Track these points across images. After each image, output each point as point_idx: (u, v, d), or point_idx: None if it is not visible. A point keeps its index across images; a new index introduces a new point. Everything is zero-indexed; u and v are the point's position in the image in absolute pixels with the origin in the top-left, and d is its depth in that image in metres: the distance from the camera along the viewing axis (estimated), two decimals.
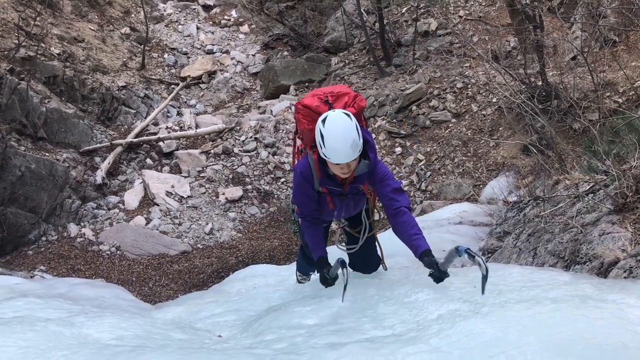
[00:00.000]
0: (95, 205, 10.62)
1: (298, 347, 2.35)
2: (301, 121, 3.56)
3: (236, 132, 12.65)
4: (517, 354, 1.95)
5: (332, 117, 3.20)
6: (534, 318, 2.12)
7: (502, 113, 11.02)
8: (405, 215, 3.38)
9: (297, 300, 3.44)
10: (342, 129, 3.16)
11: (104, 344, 2.45)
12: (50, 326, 2.64)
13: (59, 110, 11.24)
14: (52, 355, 2.27)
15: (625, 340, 1.91)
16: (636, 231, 3.01)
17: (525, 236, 4.08)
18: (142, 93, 13.92)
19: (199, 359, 2.29)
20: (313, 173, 3.47)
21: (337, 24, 15.97)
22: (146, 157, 12.14)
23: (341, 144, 3.14)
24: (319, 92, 3.61)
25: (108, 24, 16.18)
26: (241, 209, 10.98)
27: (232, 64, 16.70)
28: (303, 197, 3.57)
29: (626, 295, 2.26)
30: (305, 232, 3.67)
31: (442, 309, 2.43)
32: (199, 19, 19.14)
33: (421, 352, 2.08)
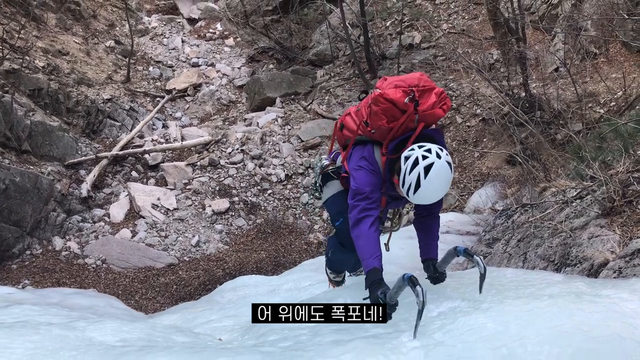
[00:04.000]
0: (81, 218, 10.53)
1: (304, 344, 2.39)
2: (379, 115, 3.09)
3: (222, 144, 12.65)
4: (518, 346, 2.02)
5: (438, 172, 2.79)
6: (532, 312, 2.19)
7: (486, 124, 11.19)
8: (435, 220, 3.31)
9: None
10: (442, 186, 2.85)
11: (110, 346, 2.46)
12: (54, 330, 2.64)
13: (44, 123, 11.17)
14: (61, 356, 2.28)
15: (621, 332, 1.99)
16: (624, 233, 3.09)
17: (515, 242, 4.15)
18: (128, 106, 13.86)
19: (207, 357, 2.31)
20: (381, 175, 3.14)
21: (322, 37, 16.10)
22: (132, 169, 12.08)
23: (432, 197, 2.88)
24: (401, 84, 3.10)
25: (92, 37, 16.13)
26: (228, 221, 10.95)
27: (218, 77, 16.73)
28: (372, 187, 3.10)
29: (619, 291, 2.34)
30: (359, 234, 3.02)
31: (442, 307, 2.49)
32: (184, 32, 19.16)
33: (426, 346, 2.15)
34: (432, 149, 2.85)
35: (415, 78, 3.14)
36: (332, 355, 2.15)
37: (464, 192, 10.10)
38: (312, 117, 13.50)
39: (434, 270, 3.05)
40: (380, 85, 3.15)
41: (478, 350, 2.05)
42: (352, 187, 3.16)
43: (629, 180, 3.33)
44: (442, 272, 3.07)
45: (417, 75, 3.17)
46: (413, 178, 2.81)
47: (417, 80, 3.12)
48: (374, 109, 3.10)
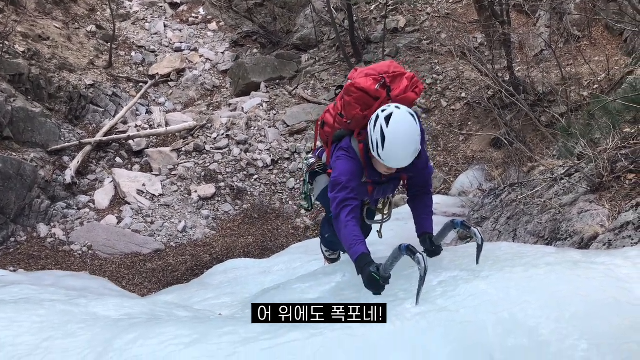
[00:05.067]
0: (65, 205, 10.44)
1: None
2: (352, 105, 3.09)
3: (207, 129, 12.58)
4: (518, 310, 2.10)
5: (398, 119, 2.83)
6: (532, 279, 2.28)
7: (471, 108, 11.25)
8: (427, 196, 3.35)
9: (295, 280, 3.46)
10: (408, 134, 2.83)
11: (116, 319, 2.49)
12: (58, 305, 2.66)
13: (25, 109, 11.00)
14: (69, 328, 2.31)
15: (617, 296, 2.09)
16: (613, 208, 3.16)
17: (504, 219, 4.21)
18: (110, 91, 13.70)
19: (213, 326, 2.34)
20: (361, 163, 3.16)
21: (307, 21, 16.01)
22: (116, 155, 11.98)
23: (403, 150, 2.85)
24: (371, 72, 3.12)
25: (73, 21, 15.89)
26: (214, 206, 10.93)
27: (201, 62, 16.57)
28: (350, 175, 3.09)
29: (613, 258, 2.43)
30: (341, 228, 3.04)
31: (442, 277, 2.55)
32: (166, 16, 18.92)
33: (429, 311, 2.22)
34: (390, 105, 2.90)
35: (385, 65, 3.17)
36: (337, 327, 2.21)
37: (450, 175, 10.17)
38: (297, 102, 13.46)
39: (430, 244, 3.09)
40: (352, 76, 3.20)
41: (480, 314, 2.13)
42: (331, 179, 3.19)
43: (617, 157, 3.40)
44: (439, 245, 3.11)
45: (387, 63, 3.20)
46: (377, 133, 2.84)
47: (388, 67, 3.15)
48: (346, 99, 3.12)
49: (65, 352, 2.18)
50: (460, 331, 2.08)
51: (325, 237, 4.22)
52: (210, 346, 2.19)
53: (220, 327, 2.39)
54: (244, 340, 2.22)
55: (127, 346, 2.23)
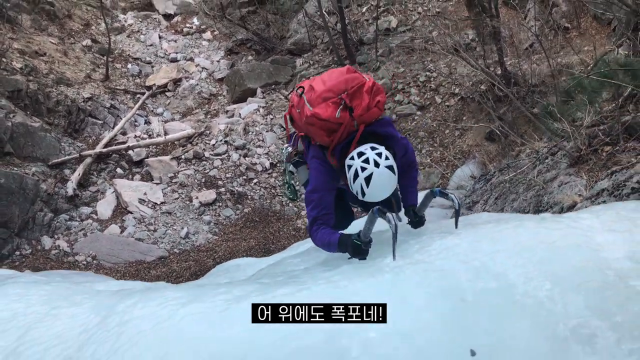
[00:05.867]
0: (68, 217, 10.56)
1: (297, 276, 2.59)
2: (317, 132, 3.12)
3: (206, 136, 12.71)
4: (488, 259, 2.29)
5: (378, 179, 2.87)
6: (501, 233, 2.49)
7: (465, 103, 11.37)
8: (413, 169, 3.44)
9: (287, 257, 3.61)
10: (386, 187, 2.91)
11: (117, 290, 2.66)
12: (64, 284, 2.83)
13: (25, 124, 11.14)
14: (74, 299, 2.51)
15: (578, 242, 2.27)
16: (590, 178, 3.29)
17: (493, 200, 4.34)
18: (108, 103, 13.85)
19: (209, 289, 2.51)
20: (335, 171, 3.21)
21: (300, 26, 16.16)
22: (116, 166, 12.10)
23: (383, 194, 2.94)
24: (329, 95, 3.07)
25: (69, 37, 16.06)
26: (215, 211, 11.03)
27: (197, 71, 16.73)
28: (322, 194, 3.17)
29: (579, 213, 2.63)
30: (316, 238, 3.16)
31: (421, 238, 2.70)
32: (160, 28, 19.11)
33: (407, 264, 2.41)
34: (369, 157, 2.89)
35: (341, 81, 3.09)
36: (323, 277, 2.36)
37: (447, 170, 10.28)
38: None
39: (414, 215, 3.21)
40: (310, 98, 3.14)
41: (453, 264, 2.31)
42: (305, 191, 3.26)
43: (595, 132, 3.52)
44: (422, 215, 3.23)
45: (343, 77, 3.12)
46: (358, 187, 2.91)
47: (345, 83, 3.08)
48: (309, 128, 3.13)
49: (72, 317, 2.37)
50: (434, 279, 2.27)
51: None
52: (206, 304, 2.38)
53: (215, 289, 2.59)
54: (237, 298, 2.41)
55: (129, 309, 2.43)
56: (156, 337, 2.28)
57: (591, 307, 1.96)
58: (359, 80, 3.12)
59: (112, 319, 2.35)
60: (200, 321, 2.32)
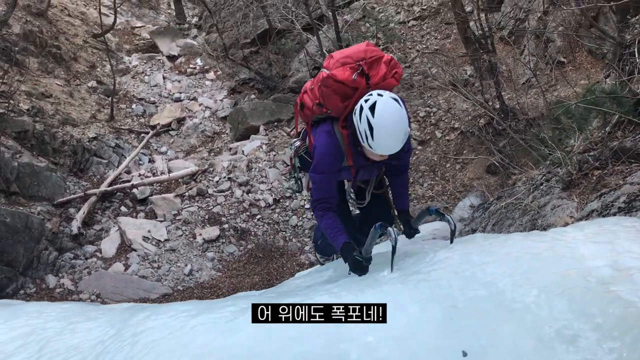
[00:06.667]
0: (73, 255, 10.61)
1: (300, 291, 2.72)
2: (331, 96, 3.06)
3: (209, 173, 12.85)
4: (478, 270, 2.44)
5: (383, 107, 2.81)
6: (491, 246, 2.66)
7: (465, 137, 11.52)
8: (405, 174, 3.49)
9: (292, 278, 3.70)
10: (395, 121, 2.82)
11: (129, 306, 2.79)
12: (78, 304, 2.91)
13: (31, 164, 11.31)
14: (90, 315, 2.69)
15: (564, 253, 2.41)
16: (581, 200, 3.40)
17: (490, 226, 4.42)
18: (113, 143, 14.06)
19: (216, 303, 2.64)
20: (343, 150, 3.15)
21: (301, 65, 16.48)
22: (120, 205, 12.21)
23: (393, 137, 2.84)
24: (348, 60, 3.07)
25: (74, 78, 16.40)
26: (219, 248, 11.08)
27: (201, 110, 16.99)
28: (326, 176, 3.17)
29: (564, 228, 2.78)
30: (320, 222, 3.21)
31: (416, 253, 2.81)
32: (164, 69, 19.48)
33: (403, 275, 2.60)
34: (372, 94, 2.88)
35: (361, 51, 3.12)
36: (324, 290, 2.51)
37: (449, 203, 10.35)
38: None
39: (408, 227, 3.32)
40: (328, 65, 3.18)
41: (445, 274, 2.47)
42: (311, 168, 3.26)
43: (585, 158, 3.64)
44: (416, 228, 3.36)
45: (363, 47, 3.15)
46: (365, 124, 2.83)
47: (364, 52, 3.10)
48: (324, 90, 3.09)
49: (88, 331, 2.49)
50: (428, 288, 2.43)
51: (317, 244, 4.40)
52: (214, 315, 2.54)
53: (222, 302, 2.83)
54: (243, 310, 2.56)
55: (142, 321, 2.61)
56: (169, 345, 2.41)
57: (574, 310, 2.09)
58: (378, 52, 3.14)
59: (127, 331, 2.50)
60: (210, 330, 2.45)
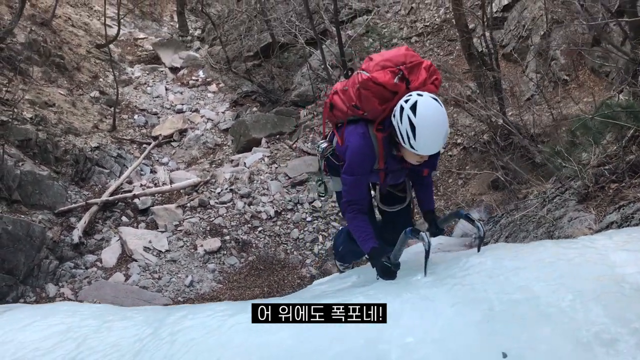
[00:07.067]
0: (73, 264, 10.55)
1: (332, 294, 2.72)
2: (370, 99, 3.05)
3: (211, 184, 12.84)
4: (512, 275, 2.47)
5: (425, 106, 2.82)
6: (522, 251, 2.68)
7: (468, 153, 11.56)
8: (430, 179, 3.56)
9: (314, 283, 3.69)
10: (437, 120, 2.83)
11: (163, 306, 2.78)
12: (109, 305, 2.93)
13: (33, 172, 11.28)
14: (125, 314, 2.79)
15: (595, 260, 2.46)
16: (599, 212, 3.41)
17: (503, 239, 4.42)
18: (115, 153, 14.06)
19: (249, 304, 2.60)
20: (376, 152, 3.14)
21: (304, 79, 16.56)
22: (122, 215, 12.17)
23: (435, 136, 2.84)
24: (388, 64, 3.05)
25: (77, 88, 16.43)
26: (220, 259, 11.04)
27: (203, 122, 17.03)
28: (358, 178, 3.16)
29: (593, 236, 2.83)
30: (351, 224, 3.21)
31: (447, 259, 2.81)
32: (167, 80, 19.56)
33: (437, 280, 2.63)
34: (412, 94, 2.89)
35: (401, 55, 3.10)
36: (359, 292, 2.50)
37: None
38: (297, 155, 13.80)
39: (435, 227, 3.32)
40: (367, 67, 3.15)
41: (479, 278, 2.50)
42: (343, 169, 3.25)
43: (600, 171, 3.67)
44: (442, 228, 3.37)
45: (402, 51, 3.13)
46: (406, 124, 2.83)
47: (404, 57, 3.09)
48: (363, 92, 3.07)
49: (124, 329, 2.49)
50: (463, 292, 2.45)
51: (338, 251, 4.33)
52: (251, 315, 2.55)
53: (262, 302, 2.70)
54: None
55: (179, 320, 2.64)
56: (208, 344, 2.44)
57: (610, 315, 2.11)
58: (418, 58, 3.14)
59: (164, 330, 2.51)
60: (248, 330, 2.47)
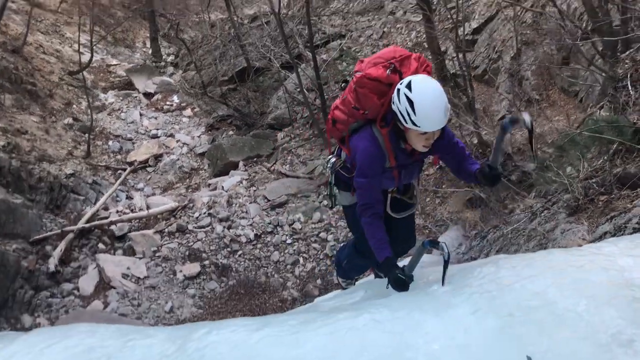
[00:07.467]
0: (49, 293, 10.35)
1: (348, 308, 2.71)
2: (368, 96, 3.12)
3: (189, 209, 12.76)
4: (527, 282, 2.57)
5: (419, 81, 2.89)
6: (533, 259, 2.76)
7: (444, 171, 11.73)
8: (470, 159, 3.41)
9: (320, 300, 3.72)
10: (434, 92, 2.86)
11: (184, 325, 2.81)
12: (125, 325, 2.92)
13: (7, 201, 11.07)
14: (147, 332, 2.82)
15: (604, 265, 2.56)
16: (591, 224, 3.52)
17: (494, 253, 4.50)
18: (90, 179, 13.90)
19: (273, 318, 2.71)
20: (384, 150, 3.19)
21: (280, 102, 16.68)
22: (98, 242, 12.01)
23: (435, 108, 2.85)
24: (379, 60, 3.17)
25: (50, 115, 16.24)
26: (200, 284, 10.94)
27: (178, 146, 16.96)
28: (370, 180, 3.19)
29: (599, 243, 2.94)
30: (367, 230, 3.20)
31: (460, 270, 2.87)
32: (141, 106, 19.45)
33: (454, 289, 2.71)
34: (406, 78, 2.96)
35: (391, 51, 3.23)
36: (379, 303, 2.51)
37: (430, 237, 10.45)
38: (276, 177, 13.83)
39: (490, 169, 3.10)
40: (359, 68, 3.27)
41: (496, 286, 2.58)
42: (355, 178, 3.30)
43: (589, 184, 3.79)
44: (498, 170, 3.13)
45: (392, 49, 3.25)
46: (404, 102, 2.88)
47: (394, 52, 3.20)
48: (360, 91, 3.16)
49: (149, 347, 2.50)
50: (482, 299, 2.53)
51: (342, 266, 4.33)
52: (276, 328, 2.60)
53: (278, 317, 2.84)
54: (303, 322, 2.64)
55: (204, 336, 2.62)
56: (235, 358, 2.45)
57: (624, 317, 2.21)
58: (407, 52, 3.23)
59: (189, 346, 2.51)
60: (275, 343, 2.49)
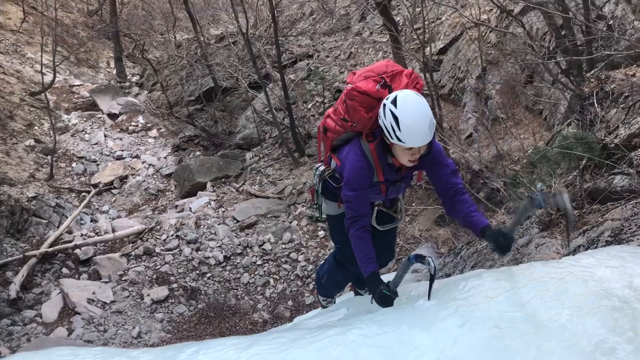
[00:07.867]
0: (10, 321, 9.95)
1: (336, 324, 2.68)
2: (356, 109, 3.12)
3: (156, 231, 12.51)
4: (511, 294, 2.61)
5: (404, 97, 2.89)
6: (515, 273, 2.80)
7: (413, 190, 11.83)
8: (465, 195, 3.28)
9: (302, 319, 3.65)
10: (418, 108, 2.87)
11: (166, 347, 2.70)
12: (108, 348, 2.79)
13: None
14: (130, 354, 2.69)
15: (583, 276, 2.63)
16: (564, 238, 3.55)
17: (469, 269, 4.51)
18: (53, 202, 13.53)
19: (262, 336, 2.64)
20: (372, 164, 3.18)
21: (248, 122, 16.61)
22: (62, 266, 11.64)
23: (419, 125, 2.85)
24: (370, 74, 3.18)
25: (11, 137, 15.85)
26: (168, 308, 10.68)
27: (144, 168, 16.71)
28: (359, 193, 3.18)
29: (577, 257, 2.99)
30: (355, 243, 3.17)
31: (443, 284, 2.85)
32: (105, 127, 19.13)
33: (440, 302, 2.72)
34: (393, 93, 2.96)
35: (382, 65, 3.24)
36: (368, 319, 2.57)
37: (401, 255, 10.47)
38: (245, 198, 13.70)
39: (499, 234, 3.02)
40: (351, 80, 3.28)
41: (481, 299, 2.60)
42: (343, 185, 3.29)
43: None
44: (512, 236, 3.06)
45: (384, 63, 3.27)
46: (389, 118, 2.88)
47: (385, 67, 3.21)
48: (349, 103, 3.17)
49: None
50: (468, 312, 2.55)
51: (322, 283, 4.32)
52: (265, 347, 2.54)
53: (267, 335, 2.79)
54: (292, 340, 2.59)
55: (191, 356, 2.53)
56: None
57: (606, 326, 2.28)
58: (399, 67, 3.24)
59: None
60: None
